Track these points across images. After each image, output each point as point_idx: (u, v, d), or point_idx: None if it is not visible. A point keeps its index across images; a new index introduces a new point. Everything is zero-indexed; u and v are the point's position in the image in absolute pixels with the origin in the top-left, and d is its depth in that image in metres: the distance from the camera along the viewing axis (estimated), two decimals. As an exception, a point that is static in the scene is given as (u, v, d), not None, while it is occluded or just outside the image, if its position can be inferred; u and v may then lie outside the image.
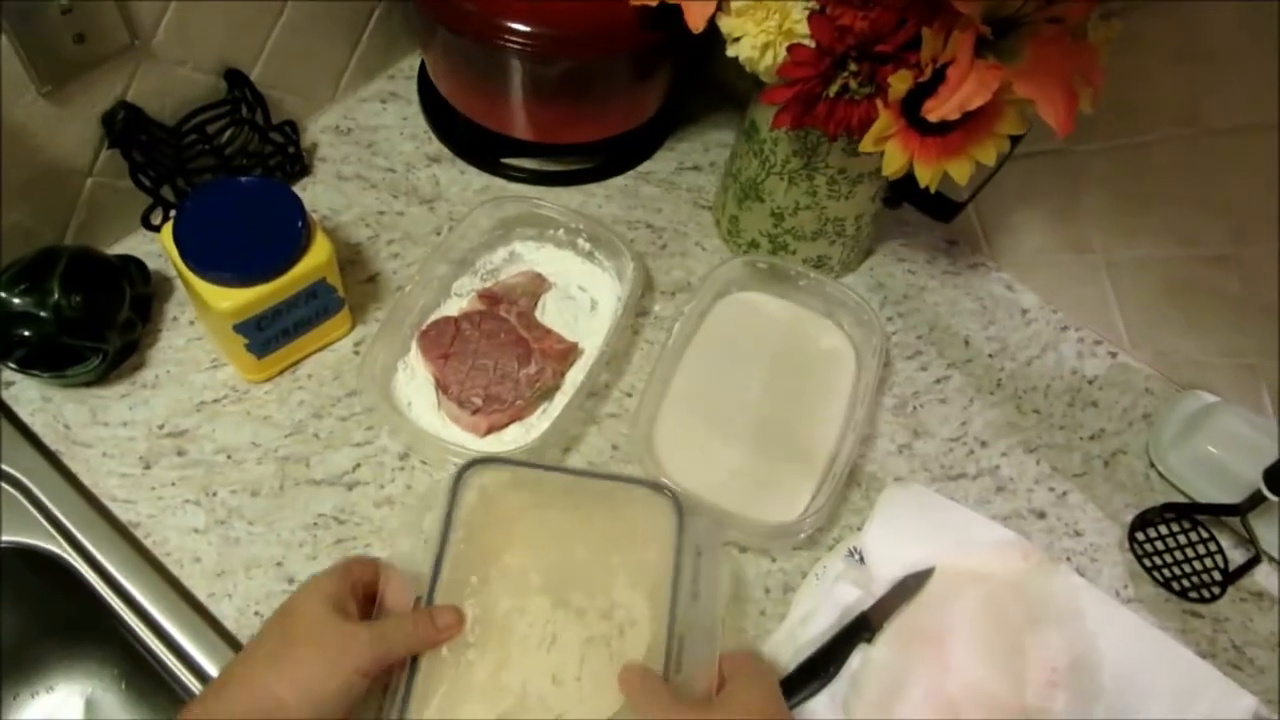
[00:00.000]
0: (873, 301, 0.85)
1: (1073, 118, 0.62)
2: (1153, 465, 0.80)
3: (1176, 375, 0.84)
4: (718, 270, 0.81)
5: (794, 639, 0.67)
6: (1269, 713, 0.70)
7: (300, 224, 0.69)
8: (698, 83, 0.96)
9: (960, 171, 0.66)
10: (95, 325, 0.70)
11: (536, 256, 0.84)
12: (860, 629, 0.67)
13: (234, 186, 0.71)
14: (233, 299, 0.68)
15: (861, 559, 0.70)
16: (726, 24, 0.68)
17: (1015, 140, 0.67)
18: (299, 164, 0.85)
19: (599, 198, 0.89)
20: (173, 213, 0.73)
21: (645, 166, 0.92)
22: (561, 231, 0.84)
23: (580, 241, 0.83)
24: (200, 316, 0.76)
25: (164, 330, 0.77)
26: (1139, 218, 0.77)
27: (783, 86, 0.66)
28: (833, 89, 0.65)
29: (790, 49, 0.65)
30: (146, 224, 0.79)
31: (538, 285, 0.82)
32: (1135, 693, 0.68)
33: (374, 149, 0.89)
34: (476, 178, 0.89)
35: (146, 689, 0.75)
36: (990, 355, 0.84)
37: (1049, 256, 0.85)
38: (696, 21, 0.68)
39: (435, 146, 0.90)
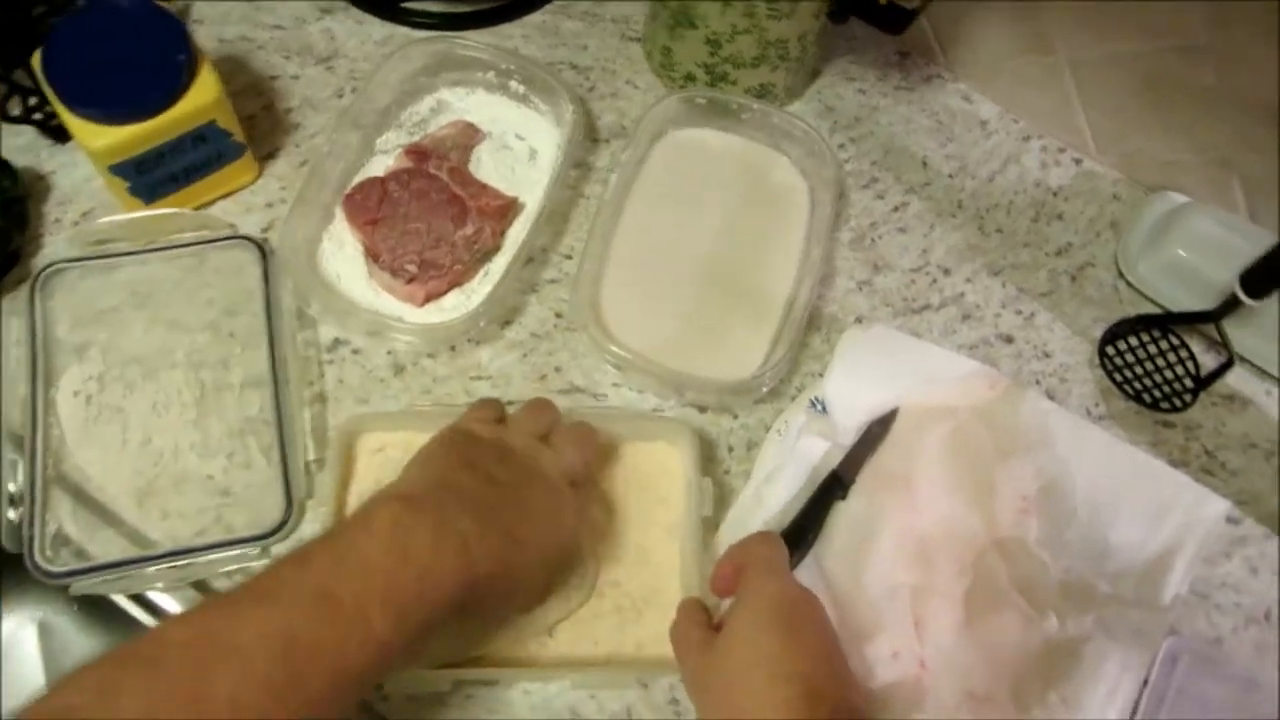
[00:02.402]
0: (823, 129, 0.79)
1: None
2: (1122, 276, 0.77)
3: (1145, 177, 0.80)
4: (652, 110, 0.74)
5: (760, 499, 0.65)
6: (1241, 514, 0.70)
7: (181, 58, 0.62)
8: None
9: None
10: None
11: (466, 104, 0.76)
12: (834, 487, 0.65)
13: (113, 10, 0.63)
14: (106, 137, 0.62)
15: (824, 409, 0.68)
16: None
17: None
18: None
19: (515, 39, 0.80)
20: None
21: (564, -2, 0.83)
22: (491, 74, 0.76)
23: (513, 84, 0.76)
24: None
25: (46, 235, 0.69)
26: (1106, 12, 0.70)
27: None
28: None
29: None
30: (3, 115, 0.70)
31: (470, 136, 0.74)
32: (1109, 511, 0.67)
33: (256, 4, 0.79)
34: (377, 28, 0.79)
35: (98, 610, 0.73)
36: (950, 175, 0.79)
37: (1009, 62, 0.79)
38: None
39: (326, -6, 0.80)
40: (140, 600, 0.65)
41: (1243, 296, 0.66)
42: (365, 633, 0.42)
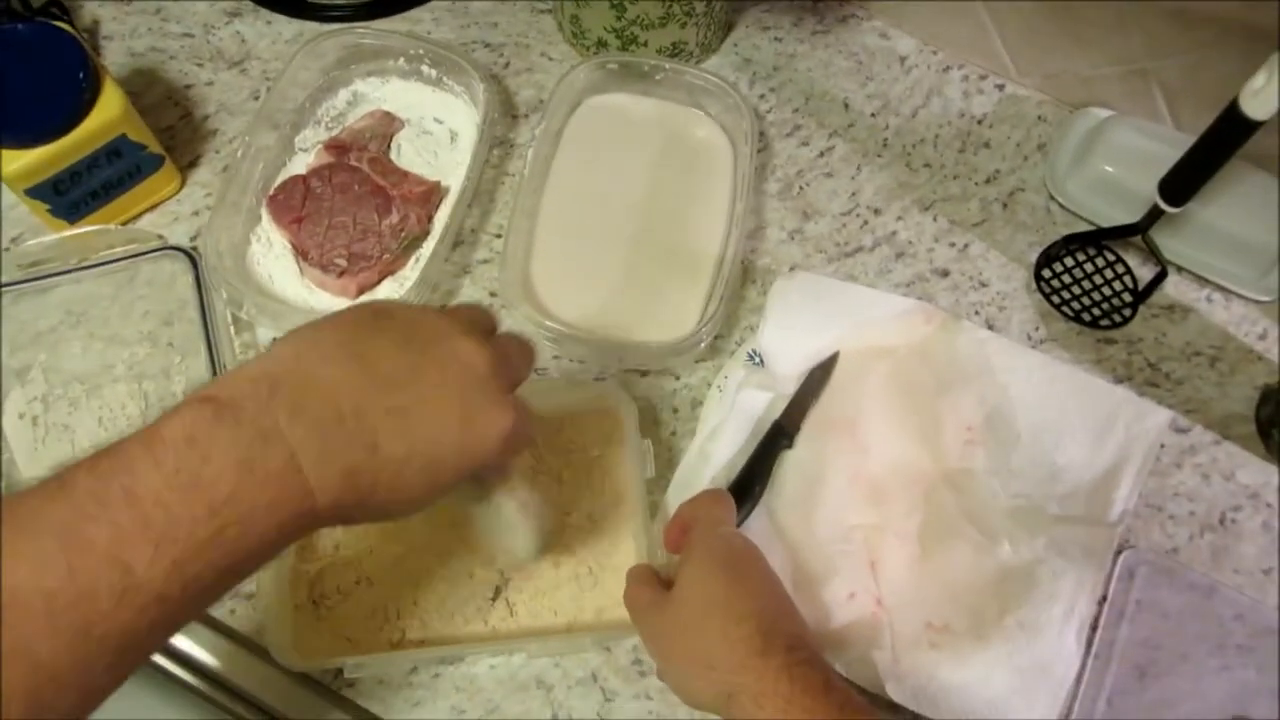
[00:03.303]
0: (740, 82, 0.79)
1: None
2: (1053, 198, 0.76)
3: (1068, 96, 0.79)
4: (565, 80, 0.73)
5: (705, 456, 0.65)
6: (1189, 423, 0.70)
7: (82, 76, 0.62)
8: None
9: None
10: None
11: (382, 93, 0.76)
12: (778, 437, 0.65)
13: (10, 35, 0.63)
14: (16, 162, 0.62)
15: (761, 361, 0.68)
16: None
17: None
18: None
19: (426, 23, 0.80)
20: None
21: (470, -24, 0.83)
22: (402, 61, 0.76)
23: (425, 69, 0.76)
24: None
25: (-26, 264, 0.70)
26: (1006, -68, 0.70)
27: None
28: None
29: None
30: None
31: (388, 125, 0.74)
32: (1052, 433, 0.68)
33: (163, 14, 0.79)
34: (286, 26, 0.79)
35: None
36: (873, 115, 0.79)
37: (921, -9, 0.78)
38: None
39: (233, -2, 0.80)
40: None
41: (1163, 205, 0.66)
42: (123, 583, 0.33)
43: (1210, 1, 0.66)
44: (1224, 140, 0.61)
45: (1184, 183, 0.64)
